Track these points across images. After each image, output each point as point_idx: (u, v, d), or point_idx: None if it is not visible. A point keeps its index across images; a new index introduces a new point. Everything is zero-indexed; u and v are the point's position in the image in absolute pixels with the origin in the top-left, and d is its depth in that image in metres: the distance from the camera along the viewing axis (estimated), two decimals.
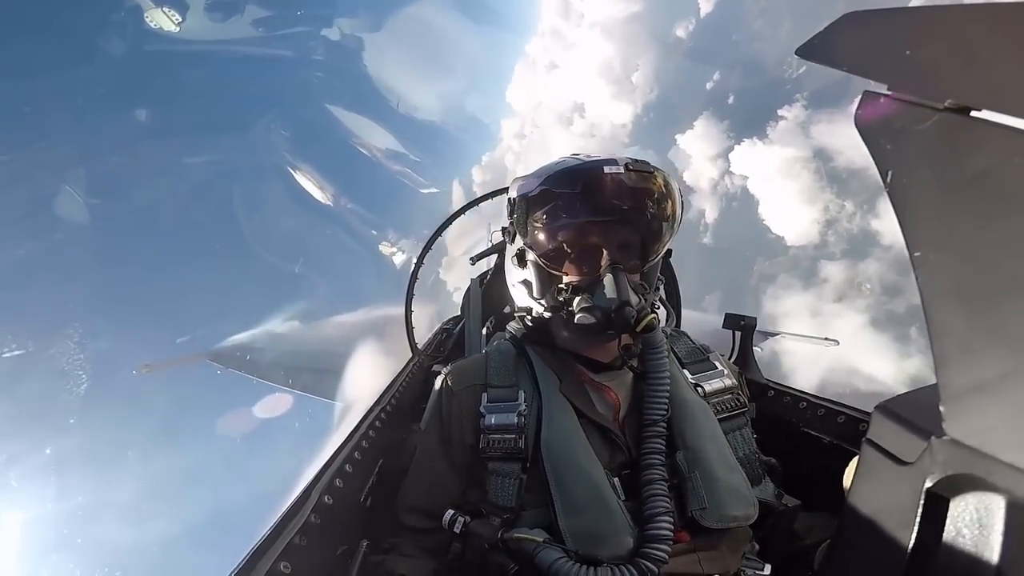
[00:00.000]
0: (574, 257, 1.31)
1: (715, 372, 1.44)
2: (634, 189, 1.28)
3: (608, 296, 1.22)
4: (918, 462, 0.44)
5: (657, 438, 1.22)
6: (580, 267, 1.31)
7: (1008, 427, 0.38)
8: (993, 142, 0.38)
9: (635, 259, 1.33)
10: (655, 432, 1.23)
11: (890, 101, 0.46)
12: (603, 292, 1.23)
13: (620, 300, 1.21)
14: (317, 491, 1.36)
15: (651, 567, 1.06)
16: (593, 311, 1.23)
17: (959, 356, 0.40)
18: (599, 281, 1.25)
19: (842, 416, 1.67)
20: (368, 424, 1.84)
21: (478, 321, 2.77)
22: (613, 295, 1.22)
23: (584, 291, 1.27)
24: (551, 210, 1.30)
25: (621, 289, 1.22)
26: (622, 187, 1.26)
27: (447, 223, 3.70)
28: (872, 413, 0.49)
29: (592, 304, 1.23)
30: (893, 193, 0.45)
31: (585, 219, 1.28)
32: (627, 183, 1.26)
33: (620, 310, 1.21)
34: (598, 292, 1.24)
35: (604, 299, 1.23)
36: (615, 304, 1.21)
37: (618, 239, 1.30)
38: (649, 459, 1.20)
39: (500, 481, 1.24)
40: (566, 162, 1.32)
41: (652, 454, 1.20)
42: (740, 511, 1.20)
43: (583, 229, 1.29)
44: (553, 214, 1.30)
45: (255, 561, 1.10)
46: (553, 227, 1.31)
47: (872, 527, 0.49)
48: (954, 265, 0.40)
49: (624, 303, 1.21)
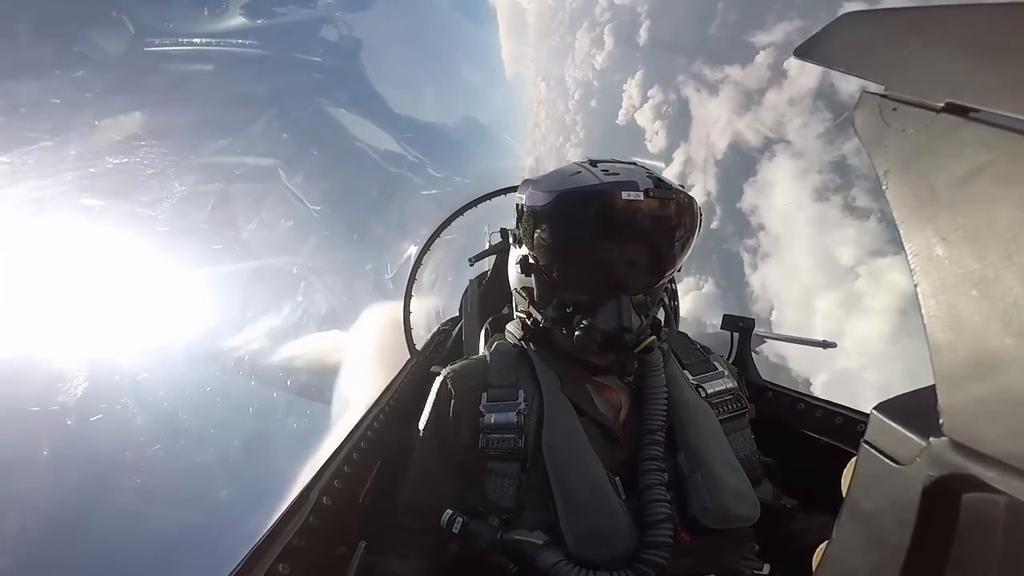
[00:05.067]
0: (579, 274, 1.28)
1: (716, 373, 1.44)
2: (652, 217, 1.22)
3: (609, 320, 1.22)
4: (916, 463, 0.44)
5: (655, 445, 1.22)
6: (584, 285, 1.28)
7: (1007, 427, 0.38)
8: (991, 142, 0.38)
9: (643, 278, 1.29)
10: (653, 440, 1.23)
11: (887, 102, 0.46)
12: (605, 315, 1.22)
13: (620, 326, 1.21)
14: (316, 492, 1.36)
15: (649, 573, 1.06)
16: (593, 332, 1.22)
17: (958, 357, 0.40)
18: (602, 303, 1.24)
19: (840, 417, 1.68)
20: (366, 425, 1.84)
21: (476, 322, 2.77)
22: (614, 320, 1.21)
23: (586, 310, 1.25)
24: (561, 228, 1.26)
25: (623, 314, 1.21)
26: (639, 215, 1.21)
27: (445, 224, 3.71)
28: (870, 414, 0.49)
29: (592, 326, 1.23)
30: (891, 194, 0.45)
31: (596, 243, 1.24)
32: (645, 211, 1.20)
33: (619, 336, 1.21)
34: (600, 314, 1.23)
35: (605, 322, 1.22)
36: (615, 329, 1.21)
37: (627, 258, 1.26)
38: (648, 464, 1.20)
39: (499, 481, 1.24)
40: (581, 178, 1.25)
41: (651, 459, 1.20)
42: (742, 511, 1.20)
43: (594, 251, 1.25)
44: (562, 232, 1.26)
45: (254, 562, 1.10)
46: (560, 245, 1.27)
47: (870, 528, 0.49)
48: (952, 266, 0.40)
49: (624, 329, 1.21)
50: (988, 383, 0.39)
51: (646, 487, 1.17)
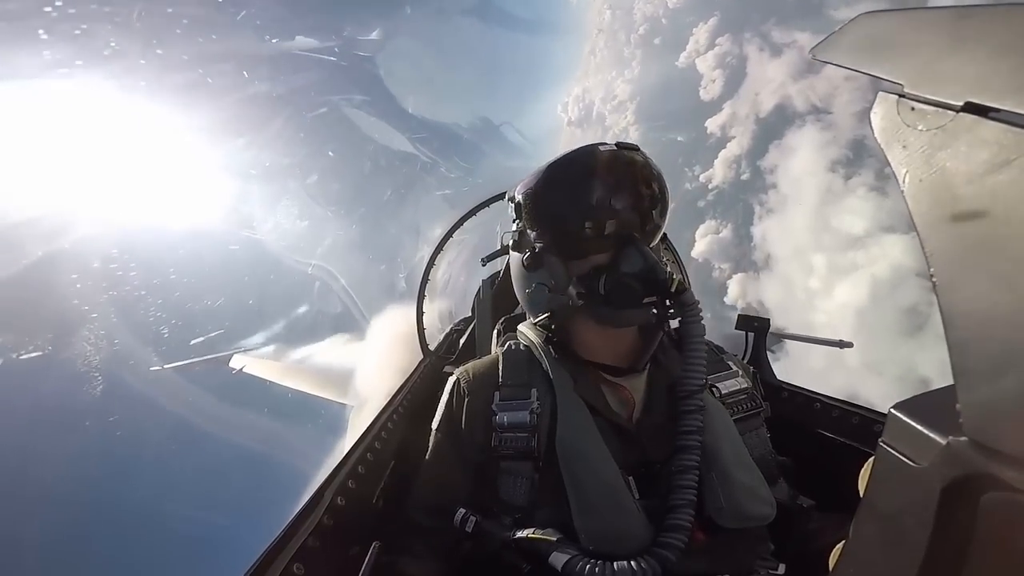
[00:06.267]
0: (590, 239, 1.27)
1: (730, 373, 1.43)
2: (630, 162, 1.28)
3: (635, 263, 1.21)
4: (935, 463, 0.44)
5: (695, 412, 1.21)
6: (597, 248, 1.27)
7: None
8: (1011, 141, 0.37)
9: (643, 226, 1.29)
10: (692, 406, 1.21)
11: (905, 101, 0.46)
12: (629, 260, 1.22)
13: (648, 263, 1.20)
14: (330, 492, 1.38)
15: (669, 556, 1.06)
16: (625, 278, 1.21)
17: (977, 355, 0.40)
18: (622, 253, 1.23)
19: (856, 417, 1.66)
20: (380, 426, 1.85)
21: (488, 322, 2.78)
22: (640, 261, 1.21)
23: (608, 268, 1.24)
24: (558, 192, 1.29)
25: (646, 255, 1.21)
26: (619, 162, 1.27)
27: (458, 224, 3.71)
28: (887, 414, 0.49)
29: (622, 273, 1.22)
30: (909, 193, 0.45)
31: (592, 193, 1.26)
32: (623, 159, 1.28)
33: (652, 270, 1.20)
34: (624, 262, 1.22)
35: (632, 265, 1.21)
36: (644, 268, 1.20)
37: (624, 202, 1.27)
38: (685, 439, 1.19)
39: (512, 480, 1.24)
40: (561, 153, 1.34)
41: (689, 433, 1.19)
42: (757, 511, 1.19)
43: (594, 208, 1.25)
44: (560, 195, 1.29)
45: (268, 562, 1.11)
46: (562, 209, 1.29)
47: (888, 528, 0.49)
48: (971, 264, 0.40)
49: (653, 265, 1.20)
50: (1008, 381, 0.39)
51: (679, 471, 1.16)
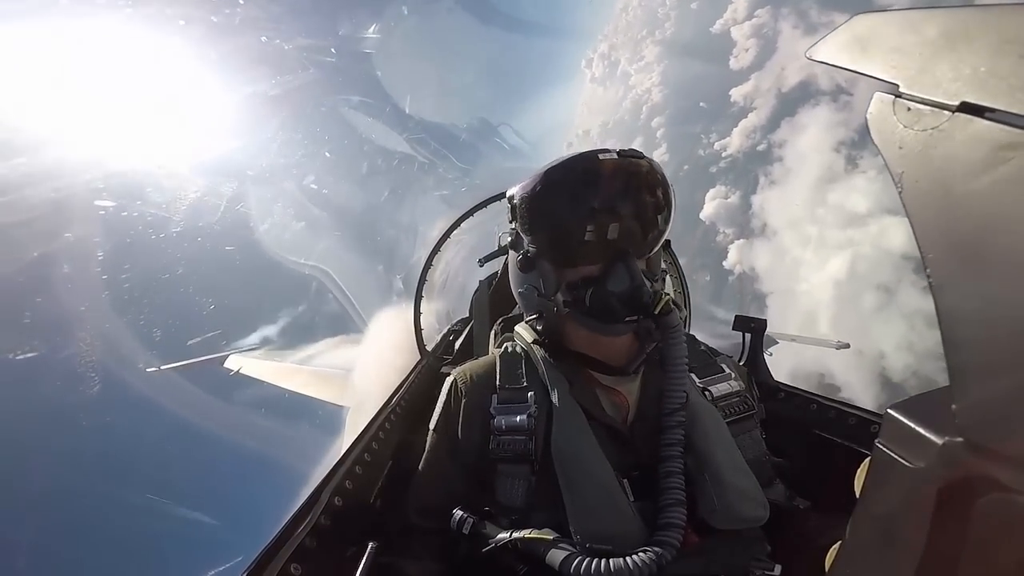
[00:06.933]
0: (581, 249, 1.27)
1: (723, 376, 1.44)
2: (630, 172, 1.27)
3: (622, 281, 1.22)
4: (931, 464, 0.44)
5: (677, 428, 1.21)
6: (588, 258, 1.27)
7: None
8: (1007, 141, 0.37)
9: (639, 240, 1.29)
10: (674, 422, 1.22)
11: (902, 102, 0.46)
12: (616, 278, 1.22)
13: (634, 284, 1.21)
14: (327, 493, 1.37)
15: (664, 552, 1.06)
16: (609, 297, 1.22)
17: (973, 355, 0.40)
18: (610, 269, 1.24)
19: (853, 418, 1.67)
20: (377, 426, 1.85)
21: (486, 323, 2.77)
22: (626, 280, 1.21)
23: (596, 281, 1.25)
24: (552, 199, 1.29)
25: (634, 274, 1.22)
26: (619, 171, 1.26)
27: (455, 225, 3.71)
28: (884, 414, 0.49)
29: (607, 290, 1.23)
30: (905, 193, 0.45)
31: (587, 203, 1.26)
32: (623, 167, 1.26)
33: (637, 292, 1.21)
34: (611, 278, 1.23)
35: (618, 284, 1.22)
36: (630, 288, 1.21)
37: (620, 214, 1.27)
38: (668, 451, 1.20)
39: (509, 482, 1.24)
40: (561, 156, 1.32)
41: (672, 445, 1.20)
42: (750, 512, 1.19)
43: (588, 218, 1.26)
44: (554, 203, 1.29)
45: (266, 562, 1.11)
46: (556, 218, 1.29)
47: (884, 529, 0.49)
48: (967, 264, 0.40)
49: (639, 286, 1.21)
50: (1005, 382, 0.39)
51: (665, 474, 1.17)
